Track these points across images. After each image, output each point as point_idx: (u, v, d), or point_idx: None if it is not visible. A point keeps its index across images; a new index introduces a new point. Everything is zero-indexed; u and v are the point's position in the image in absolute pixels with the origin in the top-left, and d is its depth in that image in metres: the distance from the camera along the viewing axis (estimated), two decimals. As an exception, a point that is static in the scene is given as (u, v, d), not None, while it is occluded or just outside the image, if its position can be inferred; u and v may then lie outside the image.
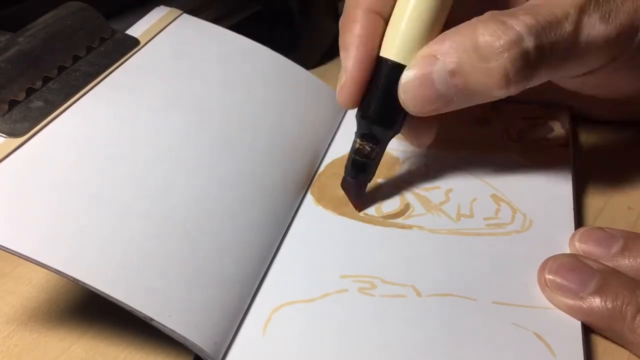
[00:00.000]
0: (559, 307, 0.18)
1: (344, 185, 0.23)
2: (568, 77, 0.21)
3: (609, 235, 0.19)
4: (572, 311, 0.18)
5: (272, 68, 0.28)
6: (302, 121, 0.27)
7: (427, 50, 0.19)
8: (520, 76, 0.18)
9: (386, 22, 0.21)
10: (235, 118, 0.24)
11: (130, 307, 0.17)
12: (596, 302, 0.17)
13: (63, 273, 0.17)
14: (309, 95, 0.28)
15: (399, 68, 0.20)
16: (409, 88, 0.20)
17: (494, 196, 0.23)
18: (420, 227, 0.22)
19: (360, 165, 0.22)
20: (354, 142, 0.22)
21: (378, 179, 0.25)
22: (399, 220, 0.22)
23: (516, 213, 0.22)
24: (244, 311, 0.19)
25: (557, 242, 0.20)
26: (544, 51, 0.18)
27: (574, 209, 0.22)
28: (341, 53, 0.21)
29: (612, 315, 0.17)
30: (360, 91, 0.21)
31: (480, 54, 0.18)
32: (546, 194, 0.22)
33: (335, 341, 0.18)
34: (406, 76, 0.20)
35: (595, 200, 0.23)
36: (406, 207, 0.23)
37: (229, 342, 0.18)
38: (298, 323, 0.19)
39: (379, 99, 0.21)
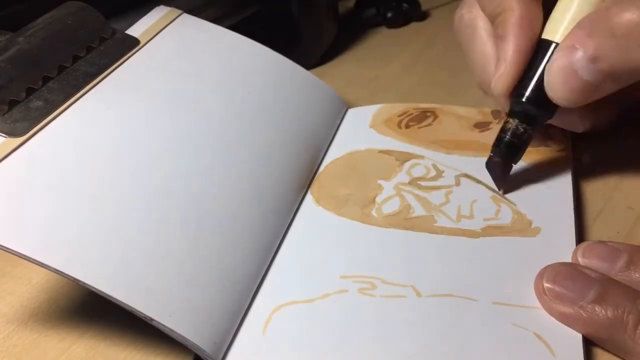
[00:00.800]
0: (556, 317, 0.18)
1: (489, 165, 0.23)
2: None
3: (613, 250, 0.19)
4: (570, 321, 0.17)
5: (272, 68, 0.28)
6: (302, 121, 0.26)
7: (565, 42, 0.20)
8: None
9: (541, 7, 0.21)
10: (235, 118, 0.24)
11: (131, 307, 0.17)
12: (596, 311, 0.17)
13: (63, 273, 0.17)
14: (309, 95, 0.28)
15: None
16: (554, 82, 0.20)
17: (493, 198, 0.23)
18: (420, 228, 0.22)
19: (511, 146, 0.22)
20: (506, 122, 0.22)
21: (378, 180, 0.25)
22: (399, 221, 0.22)
23: (516, 214, 0.22)
24: (244, 311, 0.19)
25: (557, 243, 0.20)
26: None
27: (574, 210, 0.22)
28: (497, 40, 0.21)
29: (613, 325, 0.16)
30: (518, 77, 0.21)
31: (616, 32, 0.18)
32: (546, 196, 0.22)
33: (335, 341, 0.18)
34: (550, 71, 0.20)
35: (595, 200, 0.23)
36: (406, 208, 0.23)
37: (229, 342, 0.18)
38: (298, 323, 0.19)
39: (537, 81, 0.21)
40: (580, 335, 0.17)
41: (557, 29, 0.21)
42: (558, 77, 0.20)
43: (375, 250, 0.21)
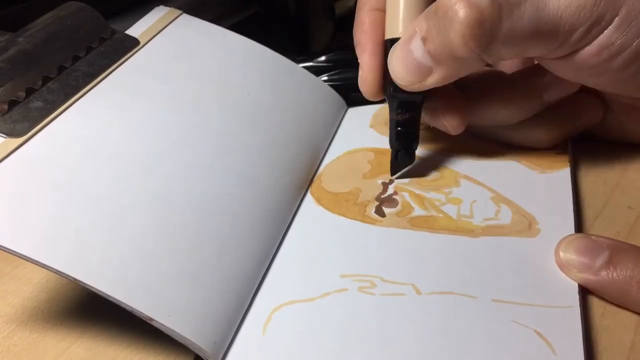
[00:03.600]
0: (577, 282, 0.19)
1: (393, 164, 0.24)
2: (548, 60, 0.21)
3: (595, 245, 0.19)
4: (586, 284, 0.18)
5: (272, 68, 0.28)
6: (302, 121, 0.26)
7: (408, 27, 0.21)
8: (479, 40, 0.19)
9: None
10: (235, 118, 0.24)
11: (131, 307, 0.17)
12: (605, 274, 0.18)
13: (63, 273, 0.17)
14: (309, 95, 0.28)
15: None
16: (393, 63, 0.21)
17: (493, 198, 0.23)
18: (420, 227, 0.22)
19: (404, 135, 0.23)
20: (391, 119, 0.23)
21: (377, 179, 0.24)
22: (399, 220, 0.22)
23: (516, 214, 0.22)
24: (244, 311, 0.19)
25: (557, 241, 0.20)
26: (500, 14, 0.19)
27: (573, 211, 0.21)
28: (356, 52, 0.24)
29: (622, 285, 0.18)
30: (379, 79, 0.23)
31: (440, 16, 0.19)
32: (546, 196, 0.22)
33: (336, 340, 0.18)
34: (392, 53, 0.21)
35: (595, 200, 0.23)
36: (406, 208, 0.23)
37: (229, 342, 0.18)
38: (298, 323, 0.19)
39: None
40: (581, 332, 0.17)
41: (395, 25, 0.22)
42: (396, 57, 0.21)
43: (375, 249, 0.21)
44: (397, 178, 0.24)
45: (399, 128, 0.23)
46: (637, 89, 0.21)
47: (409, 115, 0.23)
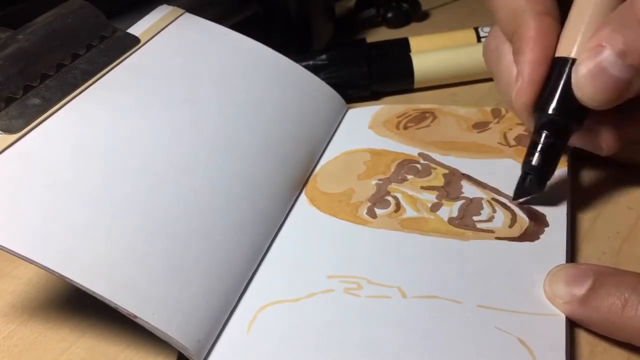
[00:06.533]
0: (567, 315, 0.17)
1: (519, 187, 0.21)
2: None
3: (580, 272, 0.17)
4: (572, 315, 0.17)
5: (273, 67, 0.27)
6: (301, 121, 0.25)
7: (591, 42, 0.18)
8: None
9: (558, 22, 0.20)
10: (233, 117, 0.23)
11: (115, 303, 0.16)
12: (591, 301, 0.16)
13: (49, 269, 0.16)
14: (309, 94, 0.27)
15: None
16: (584, 83, 0.19)
17: (487, 200, 0.22)
18: (411, 229, 0.21)
19: (542, 161, 0.20)
20: (532, 139, 0.20)
21: (372, 180, 0.23)
22: (391, 222, 0.21)
23: (509, 218, 0.21)
24: (230, 310, 0.19)
25: (548, 249, 0.19)
26: None
27: (567, 218, 0.20)
28: (515, 59, 0.20)
29: (608, 312, 0.16)
30: (537, 90, 0.20)
31: None
32: (541, 201, 0.21)
33: (318, 341, 0.17)
34: (578, 73, 0.19)
35: (595, 201, 0.22)
36: (398, 209, 0.22)
37: (213, 340, 0.18)
38: (282, 322, 0.18)
39: (560, 94, 0.19)
40: (564, 342, 0.16)
41: (571, 44, 0.19)
42: (587, 77, 0.18)
43: (364, 251, 0.20)
44: (520, 203, 0.21)
45: (538, 152, 0.20)
46: None
47: (555, 140, 0.20)
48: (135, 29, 0.24)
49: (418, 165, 0.24)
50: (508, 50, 0.21)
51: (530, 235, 0.20)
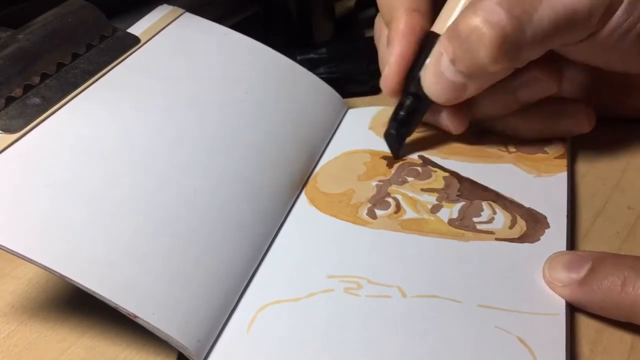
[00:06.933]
0: (566, 299, 0.17)
1: (387, 136, 0.24)
2: (568, 46, 0.21)
3: (578, 258, 0.18)
4: (572, 298, 0.17)
5: (274, 67, 0.26)
6: (301, 121, 0.25)
7: (436, 48, 0.21)
8: (508, 54, 0.19)
9: (425, 17, 0.22)
10: (233, 117, 0.23)
11: (115, 303, 0.16)
12: (590, 283, 0.17)
13: (49, 269, 0.16)
14: (309, 95, 0.27)
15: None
16: (428, 85, 0.22)
17: (487, 203, 0.21)
18: (411, 230, 0.21)
19: (404, 121, 0.23)
20: (401, 100, 0.23)
21: (372, 181, 0.23)
22: (390, 223, 0.21)
23: (509, 220, 0.21)
24: (230, 310, 0.18)
25: (547, 250, 0.19)
26: (521, 24, 0.19)
27: (567, 219, 0.20)
28: (382, 48, 0.24)
29: (607, 293, 0.16)
30: (400, 81, 0.23)
31: (464, 39, 0.20)
32: (540, 201, 0.21)
33: (318, 340, 0.17)
34: (425, 76, 0.22)
35: (595, 201, 0.22)
36: (398, 210, 0.22)
37: (213, 340, 0.18)
38: (282, 322, 0.18)
39: (417, 81, 0.22)
40: (564, 341, 0.16)
41: (442, 24, 0.22)
42: (430, 79, 0.21)
43: (364, 251, 0.20)
44: (397, 156, 0.24)
45: (401, 112, 0.23)
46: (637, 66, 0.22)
47: (416, 105, 0.23)
48: (136, 29, 0.24)
49: (418, 168, 0.24)
50: (386, 34, 0.24)
51: (530, 236, 0.20)
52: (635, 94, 0.24)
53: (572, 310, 0.18)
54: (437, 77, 0.21)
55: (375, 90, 0.31)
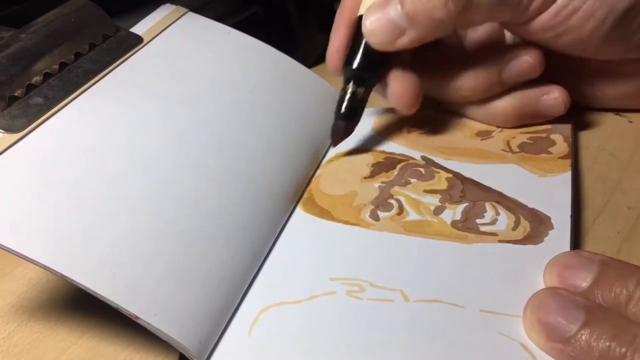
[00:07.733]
0: (546, 352, 0.15)
1: (333, 129, 0.24)
2: (516, 25, 0.22)
3: (585, 262, 0.16)
4: (559, 356, 0.15)
5: (276, 66, 0.26)
6: (304, 121, 0.25)
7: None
8: (457, 2, 0.20)
9: None
10: (235, 117, 0.23)
11: (116, 304, 0.16)
12: (582, 342, 0.14)
13: (51, 269, 0.16)
14: (313, 95, 0.27)
15: None
16: (368, 20, 0.22)
17: (490, 204, 0.21)
18: (414, 232, 0.20)
19: (350, 109, 0.24)
20: (343, 89, 0.24)
21: (374, 183, 0.23)
22: (393, 225, 0.21)
23: (512, 221, 0.20)
24: (232, 311, 0.18)
25: (551, 253, 0.18)
26: None
27: (571, 221, 0.20)
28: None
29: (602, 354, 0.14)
30: (341, 56, 0.24)
31: None
32: (544, 202, 0.21)
33: (320, 343, 0.17)
34: (366, 12, 0.22)
35: (595, 201, 0.22)
36: (401, 212, 0.21)
37: (214, 341, 0.17)
38: (284, 324, 0.18)
39: (361, 53, 0.23)
40: None
41: (363, 7, 0.23)
42: (372, 17, 0.22)
43: (367, 254, 0.20)
44: (334, 145, 0.25)
45: (346, 100, 0.23)
46: (596, 50, 0.22)
47: (358, 90, 0.23)
48: (138, 28, 0.24)
49: (421, 169, 0.23)
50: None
51: (534, 237, 0.19)
52: (616, 83, 0.24)
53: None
54: (379, 16, 0.21)
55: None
